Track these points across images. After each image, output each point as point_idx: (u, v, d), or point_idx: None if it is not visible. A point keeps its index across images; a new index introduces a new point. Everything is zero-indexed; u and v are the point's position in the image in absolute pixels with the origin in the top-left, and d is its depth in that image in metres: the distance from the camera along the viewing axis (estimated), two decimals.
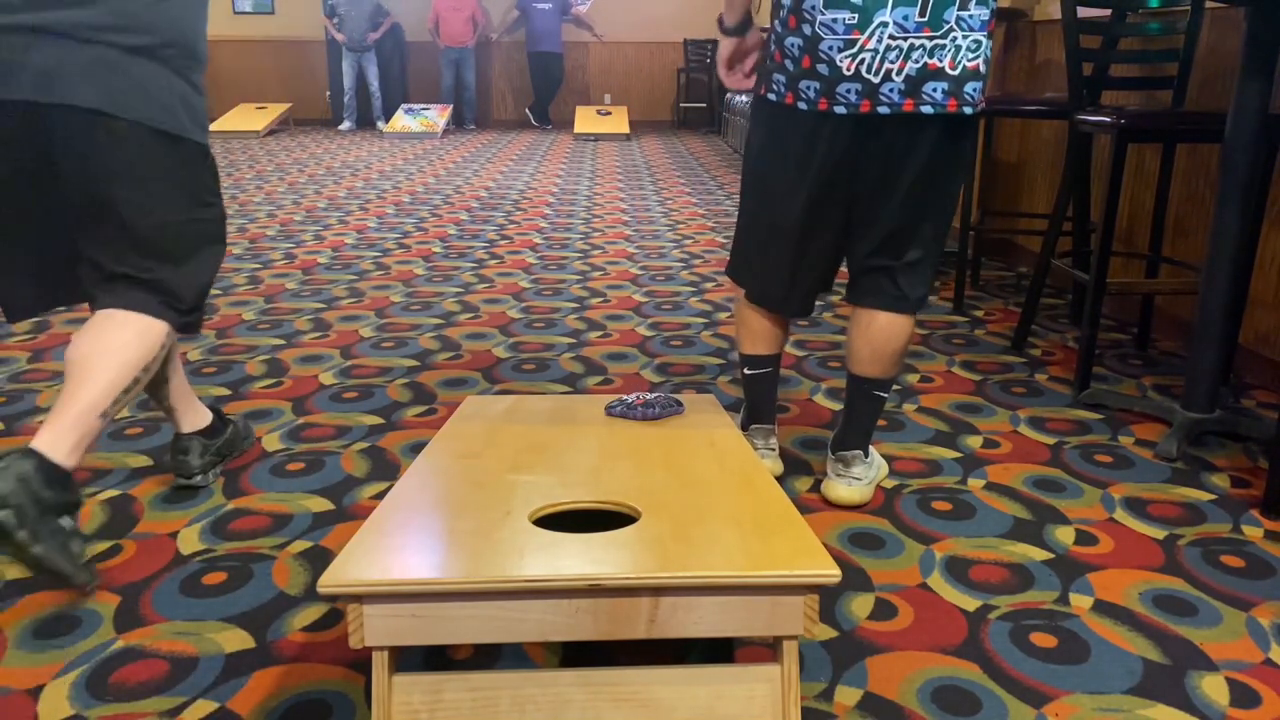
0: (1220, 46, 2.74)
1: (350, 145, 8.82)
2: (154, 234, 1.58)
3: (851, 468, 1.84)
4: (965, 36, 1.55)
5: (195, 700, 1.28)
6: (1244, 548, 1.71)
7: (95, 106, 1.48)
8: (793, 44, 1.62)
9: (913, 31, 1.53)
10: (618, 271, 3.84)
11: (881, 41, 1.54)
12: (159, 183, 1.57)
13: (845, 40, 1.55)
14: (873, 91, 1.57)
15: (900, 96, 1.56)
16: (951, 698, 1.30)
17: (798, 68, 1.62)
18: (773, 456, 1.95)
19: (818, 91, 1.61)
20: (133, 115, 1.51)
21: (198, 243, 1.67)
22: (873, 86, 1.57)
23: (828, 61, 1.58)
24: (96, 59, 1.47)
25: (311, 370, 2.61)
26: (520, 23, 10.59)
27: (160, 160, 1.57)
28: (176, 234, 1.62)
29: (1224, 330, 2.11)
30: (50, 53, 1.45)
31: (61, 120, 1.48)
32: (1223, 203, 2.04)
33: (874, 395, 1.83)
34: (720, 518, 1.23)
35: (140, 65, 1.51)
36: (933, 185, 1.66)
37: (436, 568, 1.10)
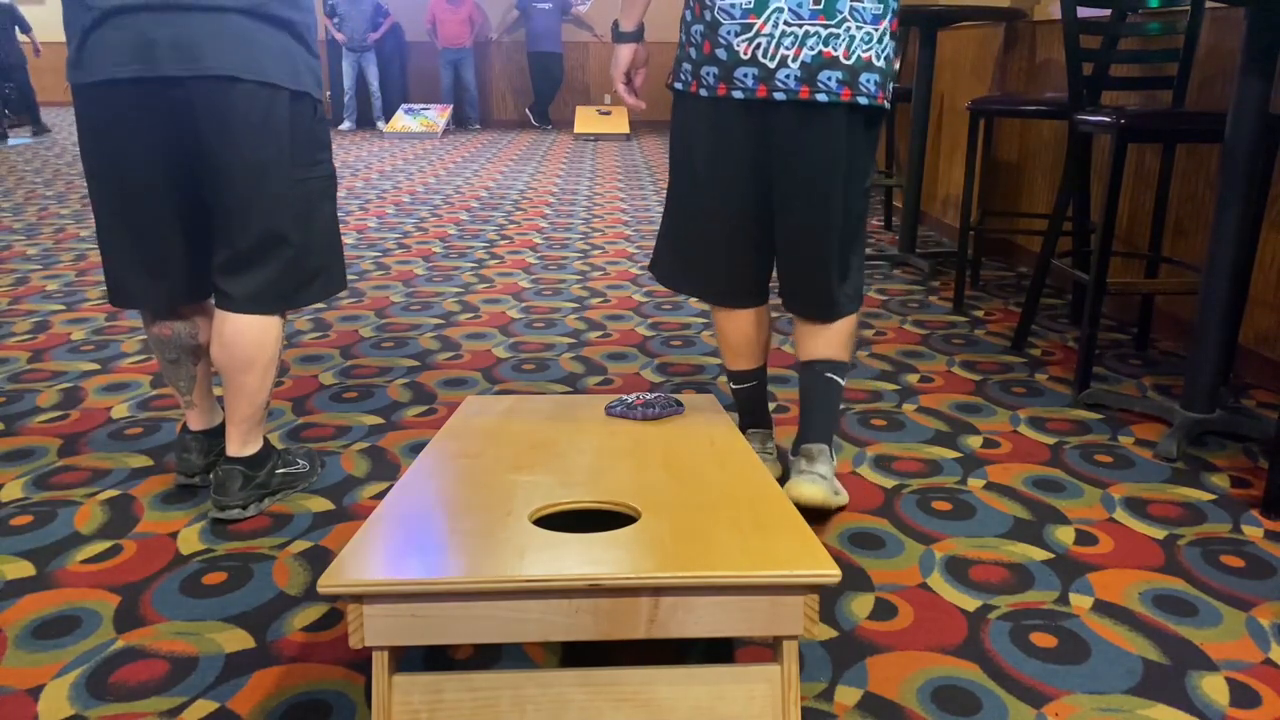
0: (1220, 46, 2.74)
1: (350, 145, 8.82)
2: (287, 189, 1.64)
3: (816, 463, 1.71)
4: (859, 28, 1.57)
5: (195, 700, 1.28)
6: (1244, 548, 1.71)
7: (231, 73, 1.54)
8: (696, 30, 1.64)
9: (807, 19, 1.55)
10: (618, 271, 3.84)
11: (777, 27, 1.55)
12: (292, 139, 1.63)
13: (742, 24, 1.57)
14: (769, 76, 1.58)
15: (796, 83, 1.58)
16: (951, 698, 1.30)
17: (700, 54, 1.63)
18: (771, 459, 1.95)
19: (716, 77, 1.62)
20: (265, 77, 1.57)
21: (319, 199, 1.72)
22: (769, 71, 1.58)
23: (725, 46, 1.59)
24: (223, 28, 1.53)
25: (311, 370, 2.61)
26: (520, 23, 10.60)
27: (289, 117, 1.62)
28: (305, 190, 1.67)
29: (1224, 330, 2.11)
30: (180, 26, 1.51)
31: (202, 90, 1.54)
32: (1223, 203, 2.04)
33: (828, 378, 1.78)
34: (720, 518, 1.23)
35: (263, 30, 1.57)
36: (832, 177, 1.64)
37: (436, 568, 1.10)
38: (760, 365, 1.93)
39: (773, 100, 1.59)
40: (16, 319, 3.07)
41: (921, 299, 3.43)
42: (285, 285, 1.71)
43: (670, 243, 1.85)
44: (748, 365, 1.91)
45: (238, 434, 1.77)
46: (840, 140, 1.62)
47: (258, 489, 1.79)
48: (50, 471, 1.97)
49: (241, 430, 1.77)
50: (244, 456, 1.78)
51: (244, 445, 1.78)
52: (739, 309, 1.85)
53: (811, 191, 1.65)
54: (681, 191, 1.78)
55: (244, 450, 1.78)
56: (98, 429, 2.19)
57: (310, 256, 1.72)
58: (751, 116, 1.63)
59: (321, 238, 1.74)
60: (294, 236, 1.67)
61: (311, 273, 1.74)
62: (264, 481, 1.81)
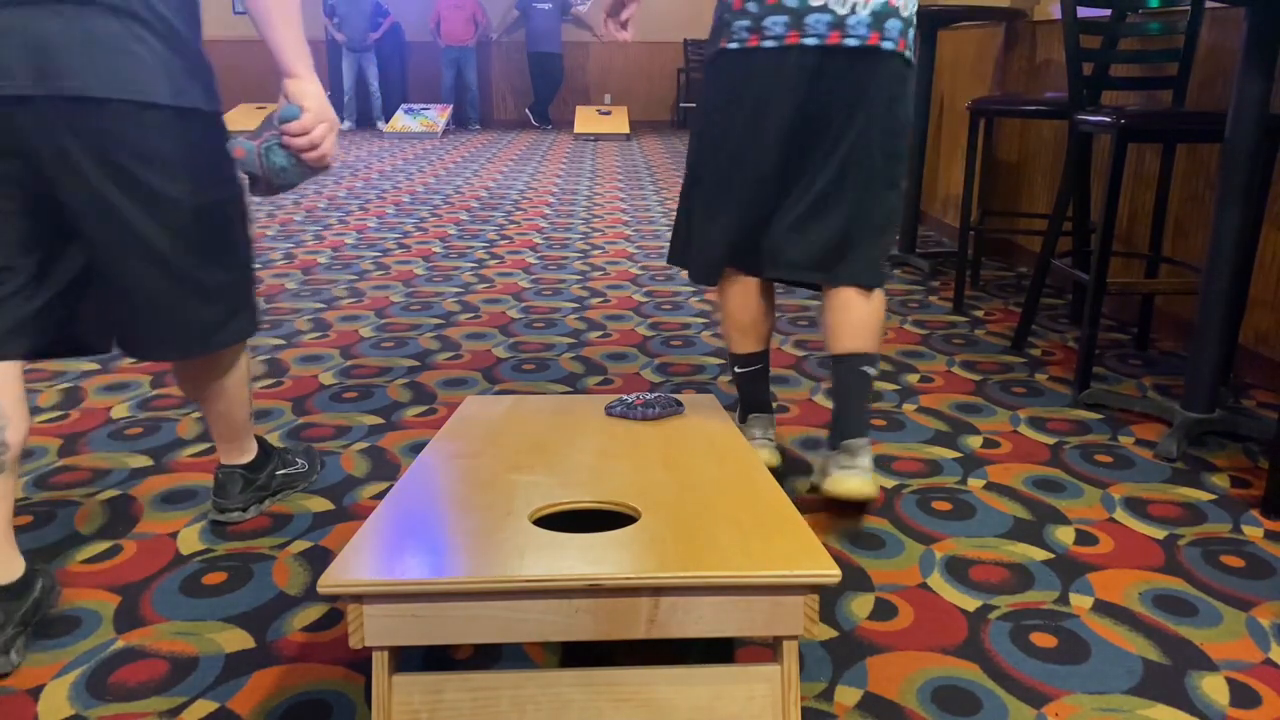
0: (1220, 46, 2.74)
1: (350, 145, 8.82)
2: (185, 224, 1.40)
3: (858, 457, 1.69)
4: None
5: (195, 700, 1.28)
6: (1244, 548, 1.71)
7: (100, 94, 1.27)
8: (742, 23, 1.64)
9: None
10: (618, 271, 3.84)
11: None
12: (184, 167, 1.38)
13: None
14: (840, 23, 1.59)
15: (866, 30, 1.60)
16: (951, 698, 1.30)
17: (762, 7, 1.63)
18: (770, 447, 1.95)
19: (786, 25, 1.61)
20: (142, 95, 1.31)
21: (228, 227, 1.51)
22: (840, 18, 1.59)
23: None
24: (90, 35, 1.26)
25: (311, 370, 2.61)
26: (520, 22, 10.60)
27: (180, 139, 1.37)
28: (211, 222, 1.45)
29: (1224, 330, 2.10)
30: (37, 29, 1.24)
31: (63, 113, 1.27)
32: (1223, 203, 2.04)
33: (862, 371, 1.77)
34: (720, 518, 1.23)
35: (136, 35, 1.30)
36: (890, 125, 1.67)
37: (436, 568, 1.10)
38: (765, 349, 1.94)
39: (842, 47, 1.61)
40: None
41: (921, 299, 3.43)
42: (193, 331, 1.49)
43: (692, 220, 1.84)
44: (755, 347, 1.92)
45: (227, 449, 1.75)
46: (900, 87, 1.66)
47: (257, 491, 1.78)
48: (50, 471, 1.97)
49: (229, 445, 1.74)
50: (241, 463, 1.76)
51: (239, 455, 1.76)
52: (752, 276, 1.83)
53: (873, 139, 1.67)
54: (712, 155, 1.76)
55: (240, 459, 1.76)
56: (98, 429, 2.19)
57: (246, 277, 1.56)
58: (813, 63, 1.62)
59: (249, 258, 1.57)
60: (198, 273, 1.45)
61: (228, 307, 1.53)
62: (264, 484, 1.79)
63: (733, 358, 1.96)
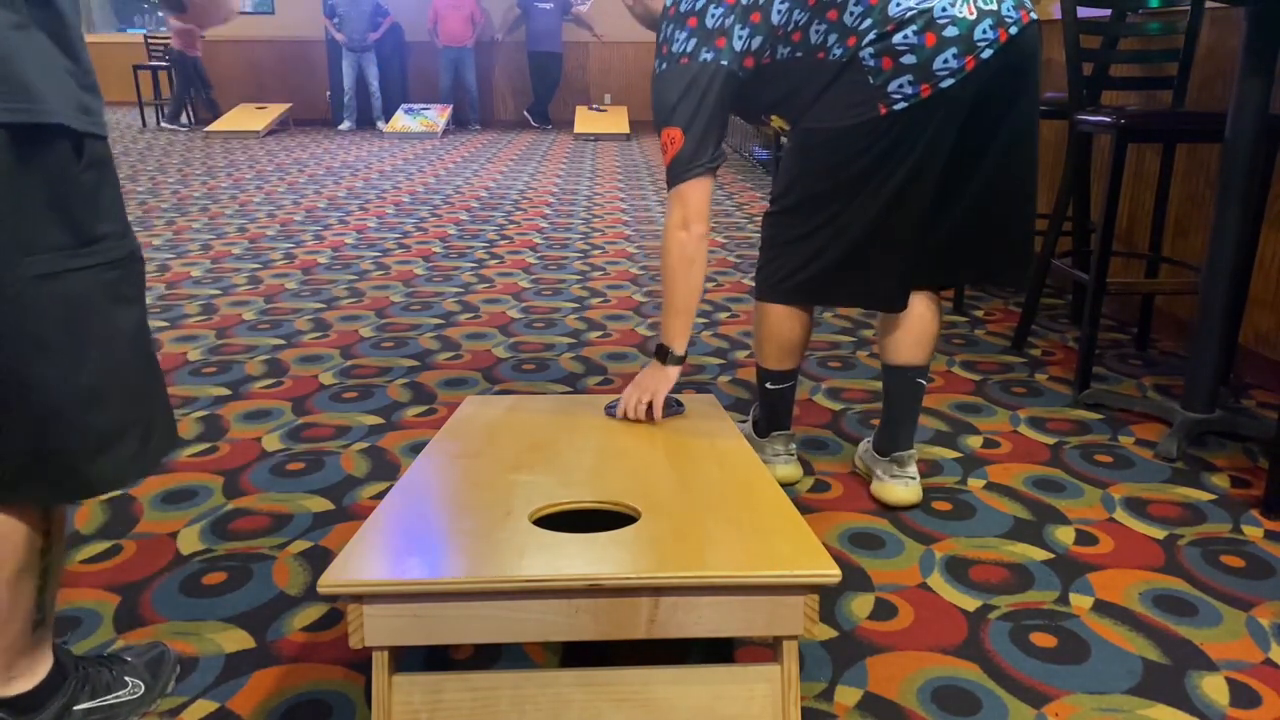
0: (1220, 46, 2.74)
1: (350, 145, 8.82)
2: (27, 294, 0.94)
3: (907, 468, 1.82)
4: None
5: (195, 700, 1.28)
6: (1244, 548, 1.71)
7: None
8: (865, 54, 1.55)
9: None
10: (618, 271, 3.84)
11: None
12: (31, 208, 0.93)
13: (918, 11, 1.51)
14: (968, 44, 1.52)
15: (993, 31, 1.53)
16: (951, 698, 1.30)
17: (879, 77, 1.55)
18: (793, 462, 1.95)
19: (913, 83, 1.53)
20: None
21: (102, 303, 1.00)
22: (968, 40, 1.52)
23: (911, 48, 1.52)
24: None
25: (311, 370, 2.61)
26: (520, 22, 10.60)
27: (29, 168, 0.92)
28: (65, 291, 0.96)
29: (1224, 330, 2.10)
30: None
31: None
32: (1223, 203, 2.04)
33: (917, 383, 1.81)
34: (720, 518, 1.23)
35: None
36: (1035, 101, 1.63)
37: (436, 568, 1.10)
38: (799, 366, 1.90)
39: (981, 63, 1.53)
40: None
41: None
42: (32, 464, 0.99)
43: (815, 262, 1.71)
44: (791, 364, 1.87)
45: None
46: (1035, 55, 1.59)
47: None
48: None
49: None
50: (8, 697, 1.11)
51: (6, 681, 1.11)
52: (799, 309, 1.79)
53: (1022, 129, 1.63)
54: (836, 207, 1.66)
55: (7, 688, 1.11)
56: None
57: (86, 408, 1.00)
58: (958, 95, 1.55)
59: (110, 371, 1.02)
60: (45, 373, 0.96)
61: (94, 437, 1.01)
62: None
63: (766, 373, 1.88)
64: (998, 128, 1.62)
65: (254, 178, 6.52)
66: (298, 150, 8.34)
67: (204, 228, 4.71)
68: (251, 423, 2.23)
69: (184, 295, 3.41)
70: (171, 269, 3.82)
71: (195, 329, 2.99)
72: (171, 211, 5.16)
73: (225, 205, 5.39)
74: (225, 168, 7.05)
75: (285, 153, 8.13)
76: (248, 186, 6.12)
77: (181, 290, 3.48)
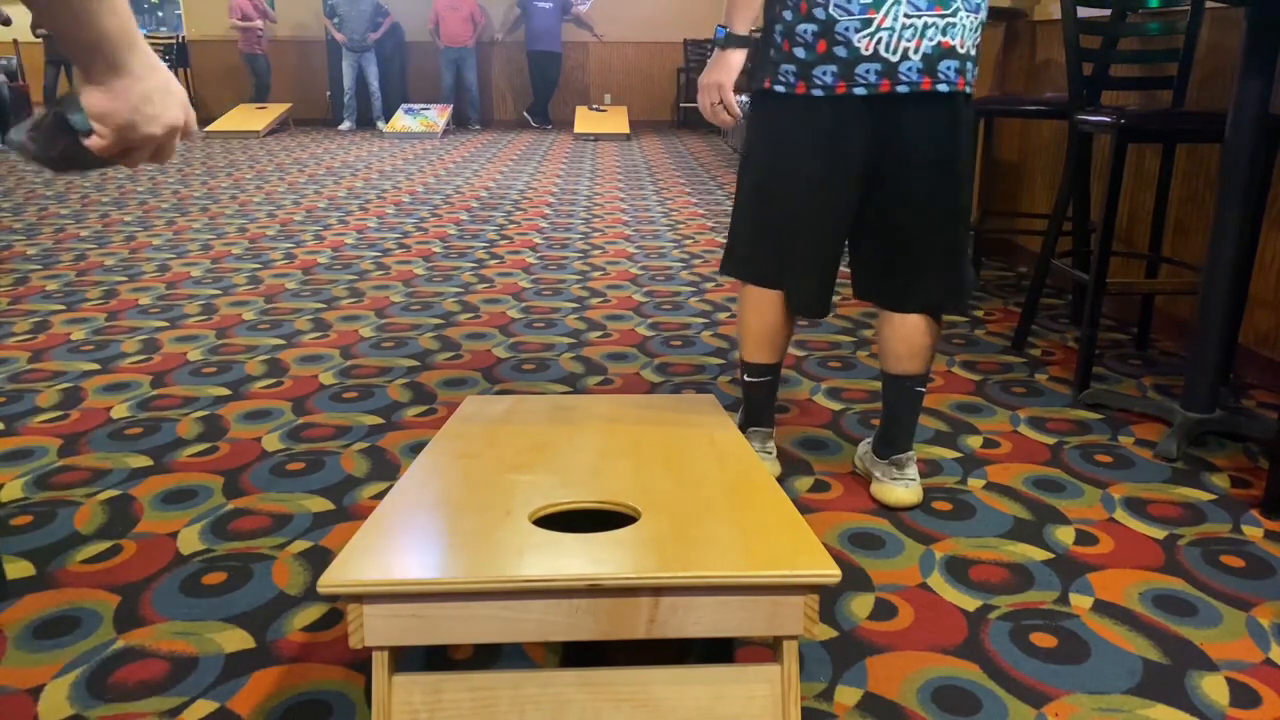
0: (1220, 46, 2.74)
1: (350, 145, 8.82)
2: None
3: (906, 470, 1.84)
4: (969, 17, 1.60)
5: (195, 700, 1.28)
6: (1244, 548, 1.71)
7: None
8: (805, 30, 1.62)
9: (925, 10, 1.56)
10: (618, 271, 3.84)
11: (897, 20, 1.56)
12: None
13: (861, 20, 1.57)
14: (892, 71, 1.59)
15: (918, 75, 1.59)
16: (951, 698, 1.30)
17: (811, 54, 1.62)
18: (771, 459, 1.95)
19: (835, 76, 1.61)
20: None
21: None
22: (891, 65, 1.58)
23: (845, 43, 1.59)
24: None
25: (311, 370, 2.61)
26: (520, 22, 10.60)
27: None
28: None
29: (1224, 330, 2.10)
30: None
31: None
32: (1223, 203, 2.04)
33: (915, 391, 1.83)
34: (720, 518, 1.23)
35: None
36: (953, 166, 1.67)
37: (436, 568, 1.10)
38: (779, 361, 1.92)
39: (895, 94, 1.60)
40: (16, 319, 3.07)
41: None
42: None
43: (750, 240, 1.82)
44: (768, 359, 1.90)
45: None
46: (958, 126, 1.65)
47: None
48: (50, 471, 1.97)
49: None
50: None
51: None
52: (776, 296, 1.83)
53: (938, 179, 1.67)
54: (768, 191, 1.76)
55: None
56: (98, 429, 2.19)
57: None
58: (868, 113, 1.63)
59: None
60: None
61: None
62: None
63: (743, 365, 1.94)
64: (901, 185, 1.68)
65: (254, 178, 6.52)
66: (298, 150, 8.34)
67: (204, 228, 4.71)
68: (251, 423, 2.24)
69: (184, 295, 3.41)
70: (171, 269, 3.82)
71: (195, 329, 2.99)
72: (171, 211, 5.16)
73: (225, 205, 5.39)
74: (225, 168, 7.05)
75: (285, 153, 8.13)
76: (248, 186, 6.12)
77: (181, 290, 3.48)
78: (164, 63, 1.01)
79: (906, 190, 1.68)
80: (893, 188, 1.68)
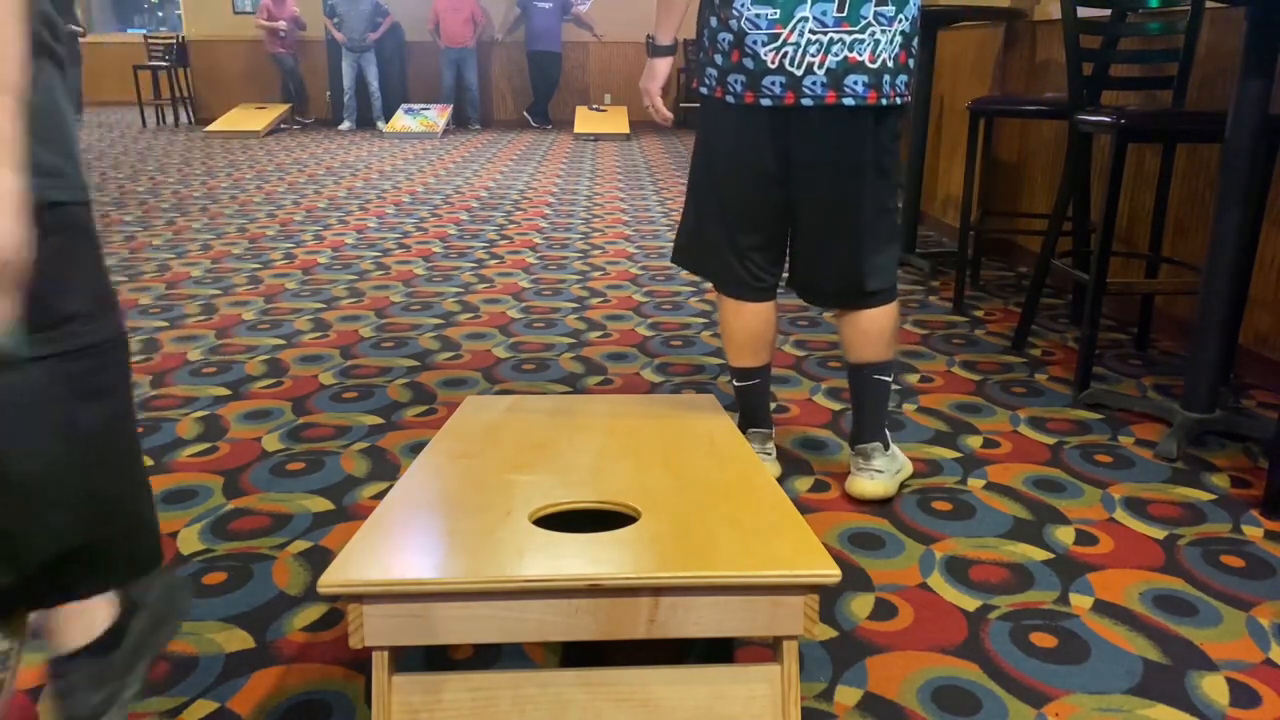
0: (1220, 46, 2.74)
1: (350, 145, 8.82)
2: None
3: (872, 460, 1.85)
4: (884, 31, 1.61)
5: (195, 700, 1.28)
6: (1244, 548, 1.71)
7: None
8: (724, 39, 1.66)
9: (831, 26, 1.59)
10: (618, 271, 3.84)
11: (803, 35, 1.59)
12: None
13: (769, 34, 1.60)
14: (796, 84, 1.62)
15: (822, 89, 1.62)
16: (951, 698, 1.30)
17: (726, 62, 1.67)
18: (770, 460, 1.96)
19: (744, 85, 1.66)
20: None
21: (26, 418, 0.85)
22: (795, 79, 1.62)
23: (753, 55, 1.63)
24: None
25: (311, 370, 2.61)
26: (520, 21, 10.60)
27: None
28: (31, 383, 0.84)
29: (1224, 330, 2.10)
30: None
31: None
32: (1223, 203, 2.04)
33: (875, 380, 1.84)
34: (720, 518, 1.23)
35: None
36: (860, 176, 1.69)
37: (436, 568, 1.10)
38: (764, 364, 1.94)
39: (800, 106, 1.63)
40: None
41: (921, 299, 3.43)
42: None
43: (690, 230, 1.89)
44: (751, 363, 1.92)
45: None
46: (866, 140, 1.67)
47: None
48: None
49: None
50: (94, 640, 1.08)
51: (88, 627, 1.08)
52: (747, 302, 1.87)
53: (837, 190, 1.70)
54: (702, 185, 1.83)
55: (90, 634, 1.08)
56: None
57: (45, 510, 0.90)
58: (777, 122, 1.67)
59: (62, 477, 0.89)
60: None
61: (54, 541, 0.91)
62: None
63: (731, 371, 1.97)
64: (819, 192, 1.72)
65: (254, 178, 6.52)
66: (298, 150, 8.34)
67: (204, 228, 4.71)
68: (251, 423, 2.24)
69: (184, 295, 3.40)
70: (171, 269, 3.82)
71: (195, 329, 2.99)
72: (171, 211, 5.16)
73: (225, 205, 5.39)
74: (225, 168, 7.05)
75: (285, 153, 8.13)
76: (248, 186, 6.12)
77: (181, 290, 3.48)
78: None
79: (814, 194, 1.72)
80: (803, 191, 1.73)
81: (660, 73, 1.84)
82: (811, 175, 1.70)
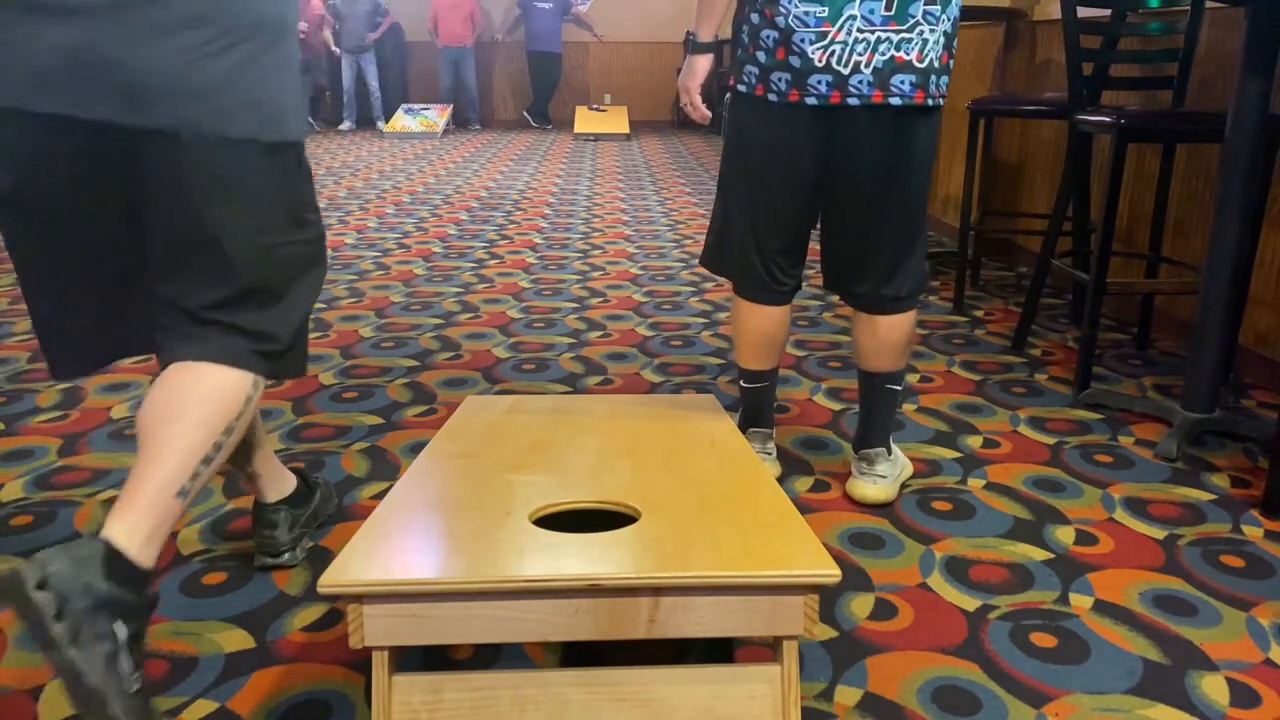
0: (1220, 46, 2.74)
1: (350, 145, 8.82)
2: (256, 262, 1.29)
3: (876, 466, 1.85)
4: (932, 30, 1.60)
5: (195, 700, 1.28)
6: (1244, 548, 1.71)
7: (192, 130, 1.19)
8: (768, 36, 1.64)
9: (879, 25, 1.58)
10: (618, 271, 3.84)
11: (850, 34, 1.58)
12: (262, 201, 1.29)
13: (816, 33, 1.59)
14: (842, 83, 1.61)
15: (869, 88, 1.60)
16: (951, 698, 1.30)
17: (771, 59, 1.65)
18: (771, 460, 1.96)
19: (789, 83, 1.64)
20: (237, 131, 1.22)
21: (301, 267, 1.37)
22: (842, 78, 1.60)
23: (799, 53, 1.61)
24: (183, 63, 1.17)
25: (312, 370, 2.61)
26: (520, 21, 10.60)
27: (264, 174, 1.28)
28: (280, 260, 1.33)
29: (1224, 330, 2.10)
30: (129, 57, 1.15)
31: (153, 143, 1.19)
32: (1223, 203, 2.04)
33: (887, 389, 1.84)
34: (720, 518, 1.23)
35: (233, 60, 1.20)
36: (903, 177, 1.69)
37: (436, 568, 1.10)
38: (774, 367, 1.94)
39: (846, 105, 1.62)
40: (16, 319, 3.07)
41: (921, 299, 3.43)
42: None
43: (717, 229, 1.88)
44: (762, 365, 1.92)
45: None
46: (911, 140, 1.66)
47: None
48: (50, 471, 1.97)
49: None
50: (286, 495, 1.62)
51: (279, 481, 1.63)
52: (763, 305, 1.86)
53: (879, 191, 1.69)
54: (733, 183, 1.82)
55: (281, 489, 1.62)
56: (98, 429, 2.19)
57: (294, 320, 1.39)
58: (821, 121, 1.66)
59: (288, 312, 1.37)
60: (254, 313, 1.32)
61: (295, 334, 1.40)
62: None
63: (740, 372, 1.96)
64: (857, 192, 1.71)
65: None
66: None
67: None
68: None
69: None
70: None
71: None
72: None
73: None
74: None
75: None
76: None
77: None
78: None
79: (855, 194, 1.71)
80: (843, 191, 1.72)
81: (700, 70, 1.82)
82: (853, 176, 1.69)
